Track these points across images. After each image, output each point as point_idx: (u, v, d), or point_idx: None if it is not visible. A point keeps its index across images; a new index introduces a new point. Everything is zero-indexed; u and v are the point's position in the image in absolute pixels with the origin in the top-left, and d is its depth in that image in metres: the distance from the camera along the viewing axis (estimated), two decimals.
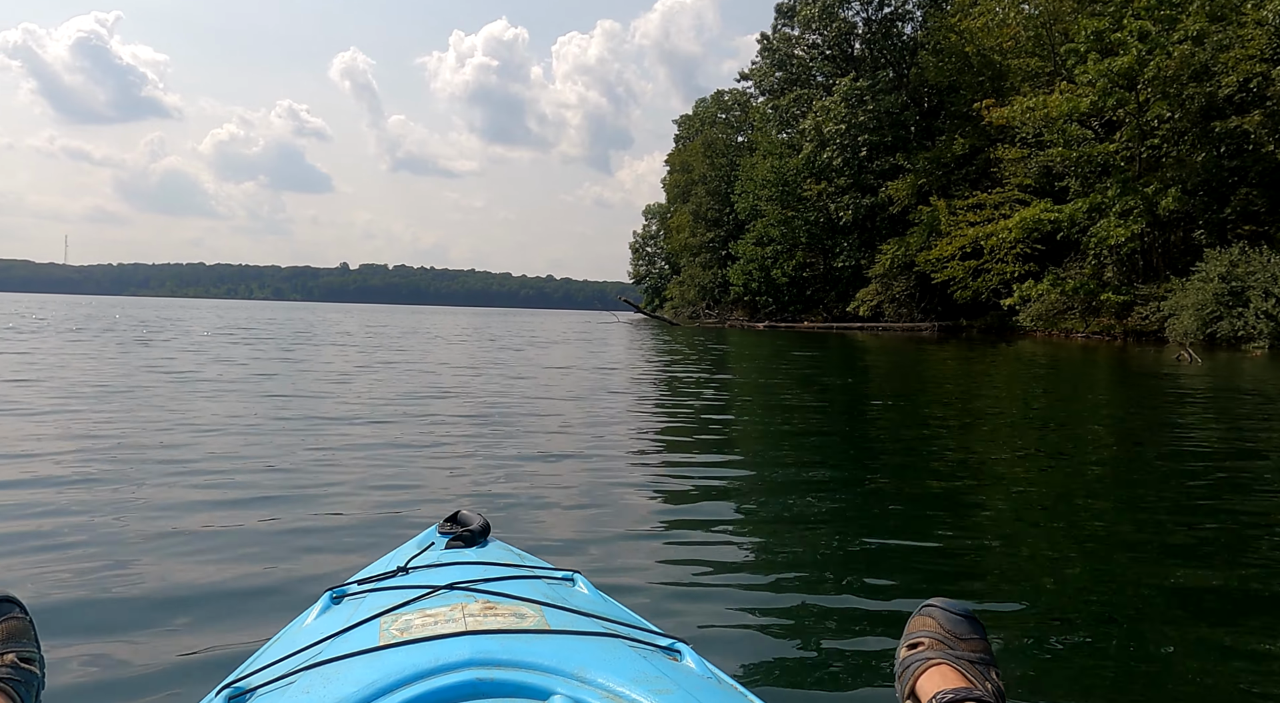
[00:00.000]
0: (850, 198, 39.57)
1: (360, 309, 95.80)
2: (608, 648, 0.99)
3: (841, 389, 10.06)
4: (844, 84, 37.03)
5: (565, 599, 1.19)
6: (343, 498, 3.51)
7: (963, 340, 27.17)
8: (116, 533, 2.88)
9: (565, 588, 1.34)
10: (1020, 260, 30.57)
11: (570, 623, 1.06)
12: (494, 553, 1.47)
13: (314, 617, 1.22)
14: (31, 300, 76.63)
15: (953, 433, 6.29)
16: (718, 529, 3.24)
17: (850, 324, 39.04)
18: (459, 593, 1.15)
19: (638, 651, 1.01)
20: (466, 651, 0.92)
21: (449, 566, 1.33)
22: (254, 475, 3.90)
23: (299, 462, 4.27)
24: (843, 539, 3.15)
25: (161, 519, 3.07)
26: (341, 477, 3.93)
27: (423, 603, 1.11)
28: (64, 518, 3.06)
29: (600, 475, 4.23)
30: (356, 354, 13.45)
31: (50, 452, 4.36)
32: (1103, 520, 3.52)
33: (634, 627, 1.17)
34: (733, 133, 57.04)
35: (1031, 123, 27.56)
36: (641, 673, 0.91)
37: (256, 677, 1.00)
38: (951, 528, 3.35)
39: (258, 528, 3.01)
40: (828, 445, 5.64)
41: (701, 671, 1.04)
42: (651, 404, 7.99)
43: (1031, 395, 9.50)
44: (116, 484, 3.62)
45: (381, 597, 1.18)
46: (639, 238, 74.57)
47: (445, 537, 1.56)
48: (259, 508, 3.30)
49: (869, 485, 4.25)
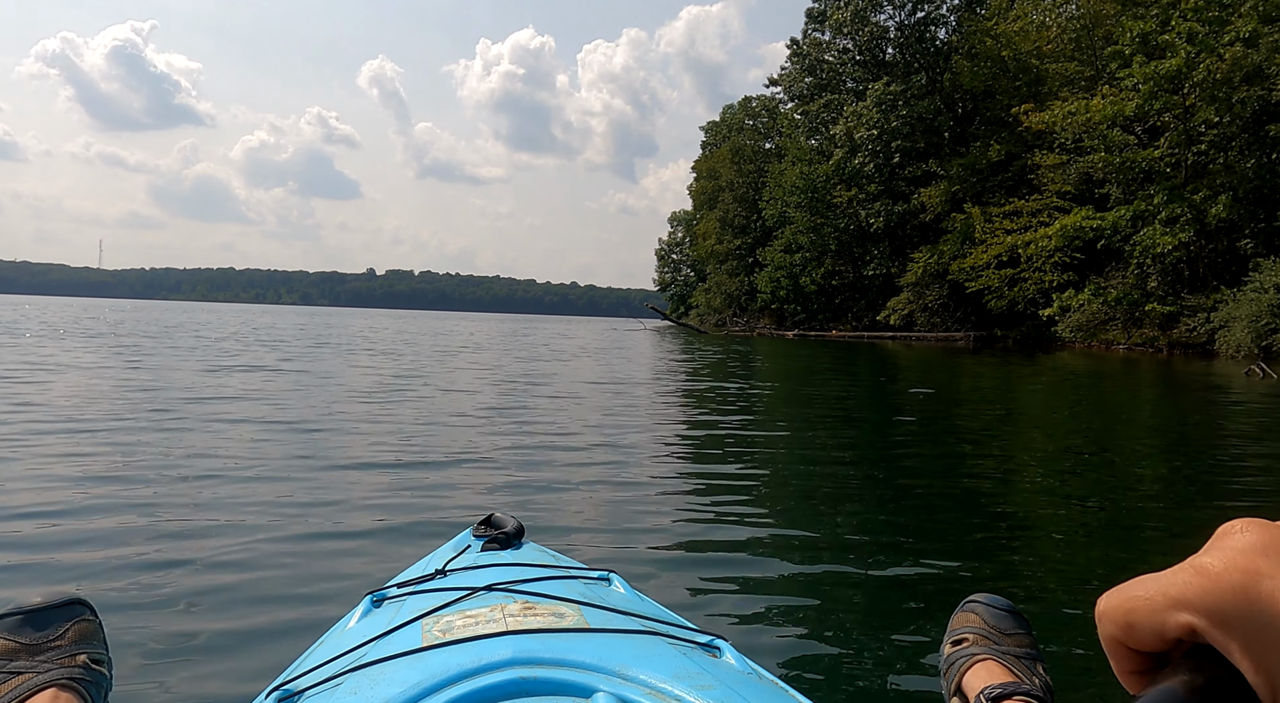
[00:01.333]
0: (881, 205, 38.82)
1: (386, 315, 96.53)
2: (648, 645, 0.98)
3: (880, 397, 9.53)
4: (877, 88, 36.35)
5: (603, 598, 1.19)
6: (376, 505, 3.56)
7: (999, 351, 26.41)
8: (159, 541, 2.92)
9: (602, 587, 1.32)
10: (1058, 269, 29.70)
11: (609, 621, 1.06)
12: (529, 555, 1.46)
13: (356, 620, 1.22)
14: (50, 305, 77.87)
15: (1002, 445, 6.01)
16: (750, 530, 3.24)
17: (881, 334, 38.26)
18: (498, 594, 1.15)
19: (677, 648, 1.01)
20: (508, 650, 0.91)
21: (486, 567, 1.33)
22: (289, 485, 3.91)
23: (330, 470, 4.30)
24: (879, 537, 3.12)
25: (206, 528, 3.12)
26: (373, 484, 3.97)
27: (463, 604, 1.11)
28: (104, 521, 3.15)
29: (630, 480, 4.25)
30: (398, 363, 13.10)
31: (83, 452, 4.46)
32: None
33: (672, 624, 1.16)
34: (761, 139, 56.45)
35: (1072, 128, 26.74)
36: (683, 669, 0.91)
37: (304, 679, 1.01)
38: (992, 531, 3.26)
39: (297, 534, 3.06)
40: (864, 452, 5.49)
41: (741, 666, 1.03)
42: (682, 411, 7.79)
43: (1096, 412, 8.88)
44: (155, 490, 3.68)
45: (422, 599, 1.18)
46: (665, 245, 74.11)
47: (480, 540, 1.55)
48: (297, 515, 3.35)
49: (906, 488, 4.17)
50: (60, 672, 0.92)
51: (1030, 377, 14.37)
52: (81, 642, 0.96)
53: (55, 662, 0.93)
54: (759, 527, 3.29)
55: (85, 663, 0.94)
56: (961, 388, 11.66)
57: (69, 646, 0.95)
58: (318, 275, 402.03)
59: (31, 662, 0.92)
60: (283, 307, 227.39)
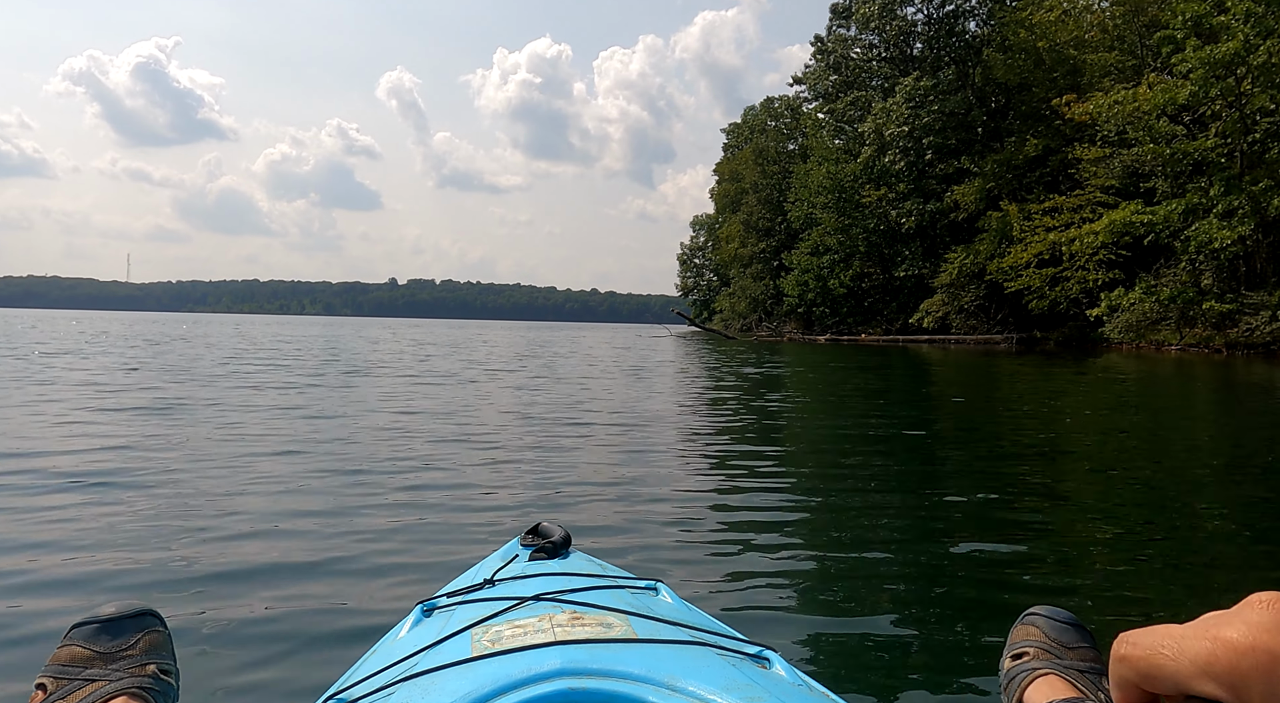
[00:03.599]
0: (913, 203, 37.58)
1: (407, 324, 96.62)
2: (696, 656, 0.98)
3: (928, 404, 8.49)
4: (907, 83, 35.17)
5: (650, 608, 1.17)
6: (426, 515, 3.54)
7: (1043, 354, 25.12)
8: (212, 556, 2.88)
9: (649, 597, 1.30)
10: (1103, 267, 28.37)
11: (657, 632, 1.04)
12: (576, 564, 1.44)
13: (407, 630, 1.22)
14: (93, 319, 78.56)
15: (1063, 457, 5.54)
16: (796, 540, 3.22)
17: (916, 337, 36.95)
18: (546, 604, 1.14)
19: (726, 659, 1.00)
20: (557, 660, 0.91)
21: (534, 577, 1.32)
22: (332, 498, 3.86)
23: (376, 481, 4.27)
24: (930, 549, 3.07)
25: (258, 542, 3.08)
26: (420, 493, 3.96)
27: (511, 614, 1.11)
28: (156, 528, 3.20)
29: (675, 489, 4.23)
30: (445, 385, 12.26)
31: (122, 467, 4.49)
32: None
33: (721, 635, 1.14)
34: (784, 140, 55.35)
35: (1118, 119, 25.43)
36: (732, 681, 0.90)
37: (356, 689, 1.01)
38: (1047, 548, 3.13)
39: (348, 546, 3.04)
40: (911, 464, 5.30)
41: (791, 678, 1.02)
42: (723, 423, 7.30)
43: (1164, 422, 7.75)
44: (200, 504, 3.64)
45: (471, 609, 1.18)
46: (686, 249, 73.08)
47: (528, 549, 1.52)
48: (348, 526, 3.32)
49: (958, 500, 4.06)
50: (131, 680, 0.94)
51: (1087, 381, 13.20)
52: (151, 652, 0.99)
53: (126, 671, 0.95)
54: (804, 537, 3.28)
55: (154, 673, 0.96)
56: (1017, 395, 10.55)
57: (140, 655, 0.98)
58: (340, 286, 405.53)
59: (105, 670, 0.95)
60: (311, 317, 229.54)
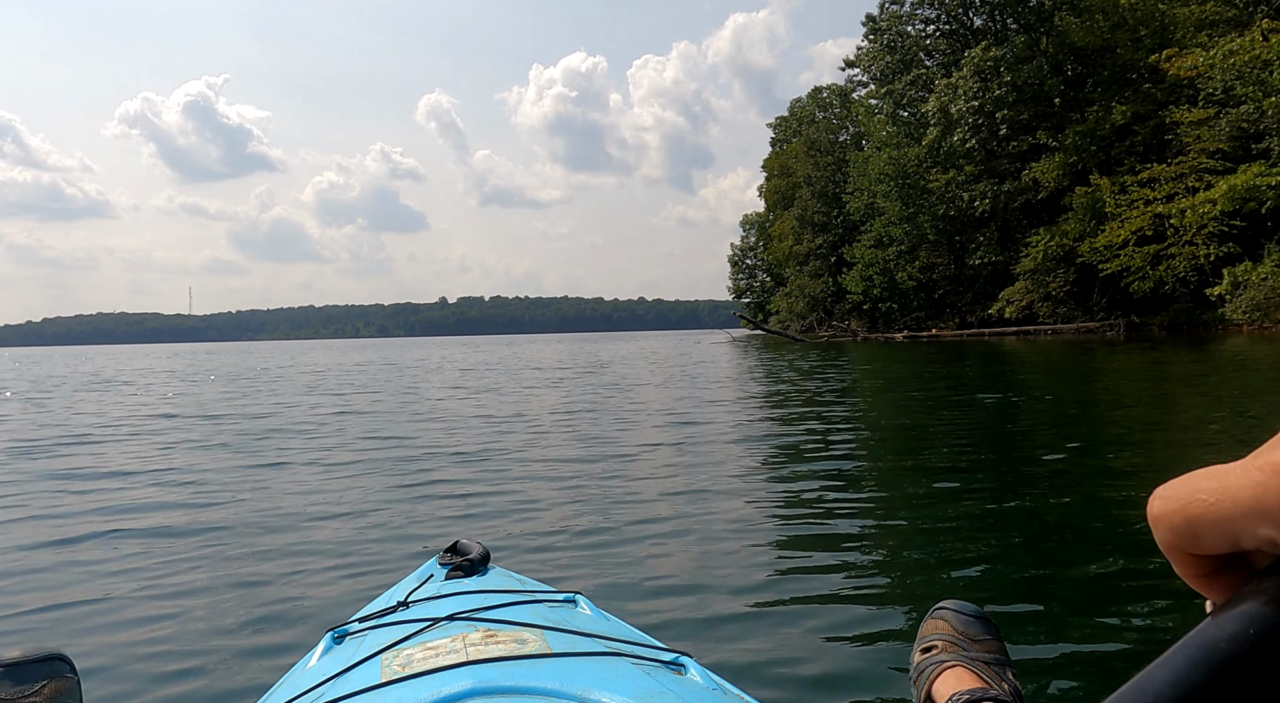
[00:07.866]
0: (986, 185, 34.74)
1: (457, 342, 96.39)
2: (610, 667, 0.97)
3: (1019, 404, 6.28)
4: (975, 54, 32.41)
5: (567, 622, 1.17)
6: (340, 538, 3.47)
7: (1156, 340, 22.28)
8: (123, 590, 2.81)
9: (567, 610, 1.30)
10: (1214, 240, 25.37)
11: (572, 645, 1.04)
12: (494, 581, 1.44)
13: (317, 658, 1.19)
14: (173, 352, 79.82)
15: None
16: (713, 544, 3.21)
17: (1002, 329, 34.05)
18: (460, 624, 1.13)
19: (641, 667, 1.00)
20: (468, 681, 0.90)
21: (450, 596, 1.31)
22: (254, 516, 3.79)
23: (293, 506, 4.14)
24: (847, 545, 3.12)
25: (169, 568, 3.04)
26: (337, 517, 3.84)
27: (424, 636, 1.09)
28: (48, 571, 3.13)
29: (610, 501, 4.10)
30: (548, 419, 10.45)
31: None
32: None
33: (637, 644, 1.14)
34: (835, 130, 52.71)
35: (1231, 71, 22.51)
36: (645, 689, 0.90)
37: None
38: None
39: (258, 573, 2.97)
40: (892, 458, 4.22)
41: (706, 683, 1.01)
42: (762, 430, 5.64)
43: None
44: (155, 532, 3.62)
45: (383, 633, 1.16)
46: (737, 251, 70.65)
47: (446, 567, 1.50)
48: (257, 555, 3.23)
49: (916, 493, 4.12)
50: None
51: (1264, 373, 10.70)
52: (57, 698, 0.95)
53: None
54: (723, 540, 3.26)
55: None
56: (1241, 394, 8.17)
57: (43, 701, 0.95)
58: (392, 307, 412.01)
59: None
60: (364, 340, 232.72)
